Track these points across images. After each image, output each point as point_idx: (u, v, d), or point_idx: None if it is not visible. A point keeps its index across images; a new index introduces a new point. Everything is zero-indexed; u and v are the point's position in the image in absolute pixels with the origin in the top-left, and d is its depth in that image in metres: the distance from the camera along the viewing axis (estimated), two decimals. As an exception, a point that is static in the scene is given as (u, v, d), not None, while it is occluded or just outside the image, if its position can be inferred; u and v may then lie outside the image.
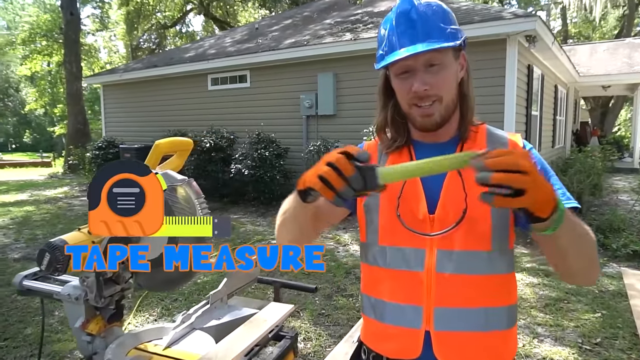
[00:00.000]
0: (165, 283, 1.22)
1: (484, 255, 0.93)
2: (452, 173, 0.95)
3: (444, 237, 0.93)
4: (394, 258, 0.98)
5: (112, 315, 1.30)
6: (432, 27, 0.91)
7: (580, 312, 3.48)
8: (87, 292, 1.24)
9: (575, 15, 26.90)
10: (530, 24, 6.05)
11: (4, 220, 7.41)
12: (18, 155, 30.40)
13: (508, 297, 0.98)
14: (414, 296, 0.95)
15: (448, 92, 0.95)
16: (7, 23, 39.41)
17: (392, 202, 0.99)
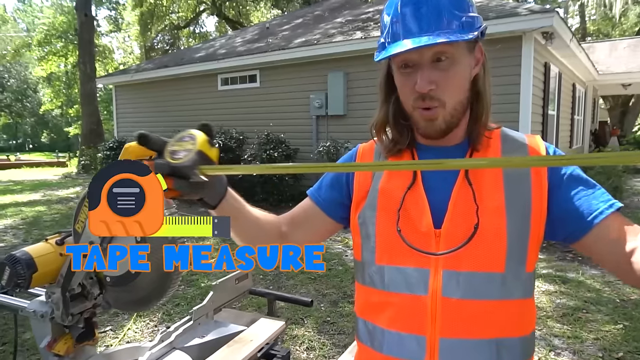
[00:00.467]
0: (132, 304, 1.11)
1: (497, 278, 0.80)
2: (461, 181, 0.83)
3: (452, 256, 0.80)
4: (394, 279, 0.86)
5: (82, 334, 1.19)
6: (443, 14, 0.78)
7: (600, 322, 3.29)
8: (53, 309, 1.12)
9: (594, 12, 26.33)
10: (547, 20, 5.83)
11: (15, 220, 7.45)
12: (35, 155, 30.92)
13: (524, 327, 0.84)
14: (417, 324, 0.83)
15: (456, 93, 0.82)
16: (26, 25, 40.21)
17: (391, 215, 0.87)
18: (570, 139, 10.50)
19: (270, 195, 7.64)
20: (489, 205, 0.81)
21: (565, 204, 0.81)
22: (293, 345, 3.01)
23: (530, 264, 0.83)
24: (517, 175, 0.82)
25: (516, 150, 0.86)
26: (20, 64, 34.16)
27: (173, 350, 1.27)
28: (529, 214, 0.81)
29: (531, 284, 0.85)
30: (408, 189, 0.86)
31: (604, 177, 5.72)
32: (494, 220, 0.80)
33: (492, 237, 0.80)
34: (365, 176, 0.93)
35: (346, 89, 7.75)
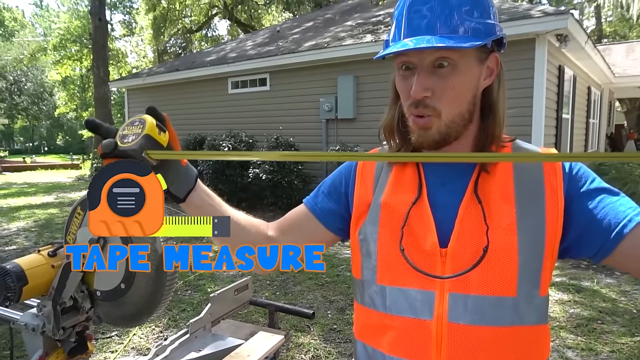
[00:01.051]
0: (122, 319, 1.07)
1: (508, 303, 0.73)
2: (469, 198, 0.77)
3: (459, 279, 0.75)
4: (396, 301, 0.80)
5: (74, 348, 1.16)
6: (451, 15, 0.72)
7: (616, 334, 3.18)
8: (44, 322, 1.10)
9: (611, 13, 25.94)
10: (561, 22, 5.72)
11: (27, 222, 7.54)
12: (50, 158, 31.42)
13: (537, 355, 0.78)
14: (421, 351, 0.77)
15: (454, 104, 0.76)
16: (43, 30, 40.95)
17: (394, 233, 0.81)
18: (585, 142, 10.31)
19: (279, 199, 7.61)
20: (499, 223, 0.75)
21: (587, 218, 0.75)
22: (298, 353, 2.96)
23: (544, 286, 0.76)
24: (530, 190, 0.77)
25: (530, 167, 0.79)
26: (37, 68, 34.78)
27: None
28: (543, 233, 0.75)
29: (545, 309, 0.79)
30: (413, 204, 0.80)
31: (620, 183, 5.57)
32: (504, 239, 0.74)
33: (503, 258, 0.74)
34: (367, 189, 0.88)
35: (356, 92, 7.70)
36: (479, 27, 0.73)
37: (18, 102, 36.27)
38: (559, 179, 0.77)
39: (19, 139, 47.58)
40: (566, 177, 0.78)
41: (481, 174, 0.79)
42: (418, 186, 0.81)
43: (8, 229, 7.07)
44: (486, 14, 0.75)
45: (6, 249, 5.83)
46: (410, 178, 0.83)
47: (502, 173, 0.79)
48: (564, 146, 7.58)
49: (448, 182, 0.81)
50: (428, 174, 0.83)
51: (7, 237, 6.45)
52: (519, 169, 0.79)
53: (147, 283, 0.99)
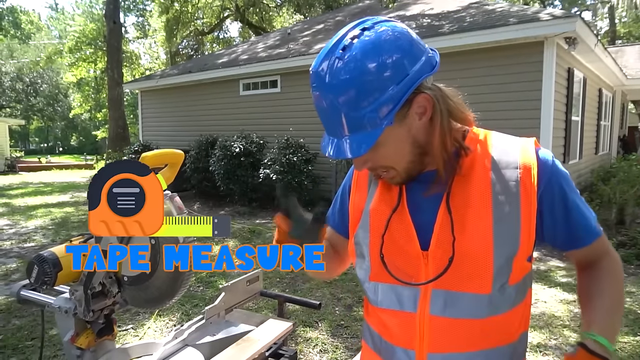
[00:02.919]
0: (146, 302, 1.19)
1: (484, 299, 0.81)
2: (444, 207, 0.83)
3: (440, 278, 0.82)
4: (386, 296, 0.89)
5: (102, 329, 1.28)
6: (347, 115, 0.75)
7: (619, 334, 3.23)
8: (76, 305, 1.22)
9: (625, 14, 25.63)
10: (569, 25, 5.75)
11: (44, 221, 7.75)
12: (65, 158, 31.95)
13: (512, 334, 0.87)
14: (406, 339, 0.86)
15: (397, 162, 0.82)
16: (58, 32, 41.67)
17: (379, 239, 0.88)
18: (596, 145, 10.26)
19: (289, 199, 7.72)
20: (475, 229, 0.80)
21: (553, 228, 0.84)
22: (306, 347, 3.06)
23: (514, 276, 0.82)
24: (506, 192, 0.81)
25: (507, 169, 0.82)
26: (52, 70, 35.42)
27: (185, 347, 1.35)
28: (518, 236, 0.80)
29: (515, 294, 0.84)
30: (393, 211, 0.87)
31: (627, 185, 5.59)
32: (480, 245, 0.79)
33: (479, 260, 0.80)
34: (361, 196, 0.95)
35: (365, 94, 7.78)
36: (381, 108, 0.73)
37: (34, 103, 36.97)
38: (533, 185, 0.81)
39: (34, 140, 48.45)
40: (542, 181, 0.82)
41: (455, 179, 0.83)
42: (398, 194, 0.87)
43: (26, 226, 7.28)
44: (394, 76, 0.73)
45: (25, 245, 6.02)
46: (393, 194, 0.89)
47: (479, 175, 0.82)
48: (573, 149, 7.59)
49: (429, 187, 0.85)
50: (410, 193, 0.87)
51: (26, 235, 6.65)
52: (497, 174, 0.82)
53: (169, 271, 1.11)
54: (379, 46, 0.74)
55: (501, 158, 0.83)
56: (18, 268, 4.95)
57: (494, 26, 6.35)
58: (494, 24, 6.45)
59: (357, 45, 0.74)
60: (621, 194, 5.51)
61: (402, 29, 0.78)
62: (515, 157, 0.83)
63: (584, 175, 8.93)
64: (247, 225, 6.84)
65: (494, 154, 0.84)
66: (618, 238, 5.34)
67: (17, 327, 3.42)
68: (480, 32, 6.36)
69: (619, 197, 5.53)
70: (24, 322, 3.51)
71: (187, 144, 9.78)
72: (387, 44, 0.74)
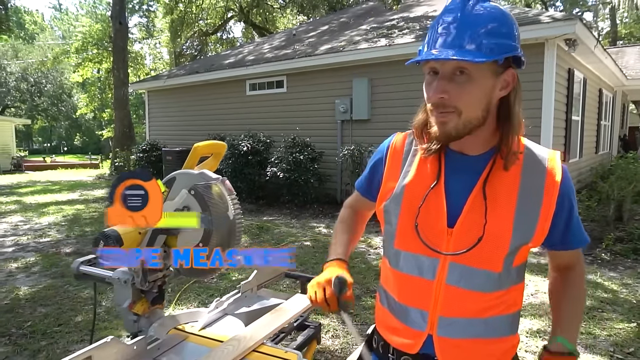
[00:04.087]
0: (199, 272, 1.37)
1: (494, 276, 0.95)
2: (477, 192, 0.95)
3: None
4: (407, 263, 1.02)
5: (155, 298, 1.46)
6: (471, 34, 0.87)
7: (614, 321, 3.41)
8: (134, 276, 1.40)
9: (627, 15, 25.74)
10: (569, 28, 5.93)
11: (57, 217, 7.94)
12: (69, 157, 32.19)
13: (513, 306, 1.02)
14: (422, 301, 1.00)
15: (470, 107, 0.90)
16: (62, 33, 41.93)
17: (412, 210, 1.00)
18: (596, 144, 10.43)
19: (295, 197, 7.91)
20: (499, 215, 0.93)
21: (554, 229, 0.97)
22: (319, 332, 3.25)
23: (517, 261, 0.98)
24: (531, 193, 0.94)
25: (536, 172, 0.96)
26: (57, 70, 35.66)
27: (225, 316, 1.54)
28: (534, 229, 0.94)
29: (518, 274, 1.00)
30: (431, 188, 0.99)
31: (625, 182, 5.76)
32: (500, 230, 0.93)
33: (498, 243, 0.93)
34: (394, 171, 1.07)
35: (370, 94, 7.98)
36: (494, 47, 0.87)
37: (38, 103, 37.22)
38: (555, 192, 0.95)
39: (37, 139, 48.72)
40: (562, 191, 0.96)
41: (494, 171, 0.95)
42: (437, 174, 0.99)
43: (40, 223, 7.47)
44: (506, 34, 0.89)
45: (41, 240, 6.22)
46: (432, 166, 1.01)
47: (513, 173, 0.95)
48: (573, 148, 7.76)
49: (464, 173, 0.98)
50: (448, 164, 1.00)
51: (41, 230, 6.85)
52: (526, 174, 0.96)
53: (221, 242, 1.29)
54: (508, 15, 0.92)
55: (532, 162, 0.97)
56: (37, 261, 5.15)
57: (496, 28, 6.51)
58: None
59: (491, 5, 0.91)
60: (619, 190, 5.69)
61: None
62: (544, 165, 0.97)
63: (584, 173, 9.10)
64: (255, 222, 7.03)
65: (526, 158, 0.98)
66: (616, 233, 5.51)
67: (43, 314, 3.61)
68: (482, 34, 6.52)
69: (617, 194, 5.70)
70: (49, 309, 3.70)
71: (194, 143, 9.98)
72: (512, 19, 0.93)
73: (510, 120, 0.95)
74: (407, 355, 1.04)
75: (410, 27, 8.42)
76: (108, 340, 1.10)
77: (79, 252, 5.53)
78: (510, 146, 0.94)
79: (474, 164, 0.97)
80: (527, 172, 0.95)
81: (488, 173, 0.95)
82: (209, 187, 1.28)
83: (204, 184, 1.28)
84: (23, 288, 4.23)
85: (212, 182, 1.28)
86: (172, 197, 1.33)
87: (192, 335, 1.38)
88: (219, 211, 1.27)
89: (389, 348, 1.08)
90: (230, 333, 1.38)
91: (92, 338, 1.80)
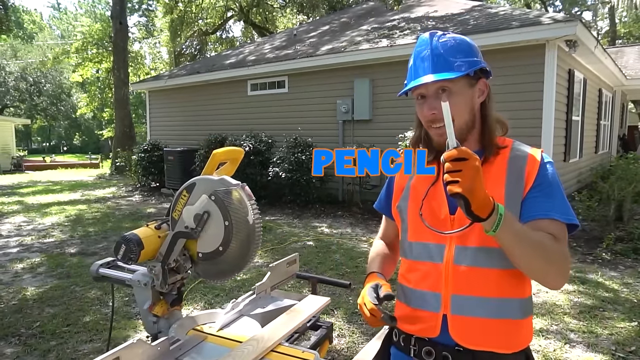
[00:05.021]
0: (218, 274, 1.41)
1: (498, 251, 1.03)
2: None
3: (461, 234, 1.07)
4: (420, 252, 1.16)
5: (174, 300, 1.50)
6: (443, 60, 1.07)
7: (616, 320, 3.46)
8: (154, 279, 1.44)
9: (626, 14, 25.83)
10: (570, 29, 5.98)
11: (60, 218, 7.98)
12: (68, 157, 32.19)
13: (522, 291, 1.10)
14: (435, 284, 1.11)
15: (457, 116, 1.07)
16: (61, 32, 41.89)
17: (417, 203, 1.17)
18: (596, 144, 10.48)
19: (297, 196, 7.96)
20: (491, 195, 0.99)
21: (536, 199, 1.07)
22: (325, 332, 3.29)
23: None
24: (516, 176, 1.09)
25: (519, 158, 1.11)
26: (56, 70, 35.62)
27: (242, 317, 1.58)
28: (521, 197, 1.07)
29: None
30: (432, 184, 1.16)
31: (625, 182, 5.81)
32: None
33: None
34: (403, 178, 1.26)
35: (372, 94, 8.02)
36: (463, 64, 1.07)
37: (37, 102, 37.18)
38: (534, 170, 1.08)
39: (36, 139, 48.68)
40: (540, 172, 1.08)
41: (484, 164, 1.09)
42: (437, 172, 1.11)
43: (43, 223, 7.51)
44: (469, 54, 1.09)
45: (45, 241, 6.25)
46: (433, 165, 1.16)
47: (499, 163, 1.11)
48: (573, 148, 7.81)
49: None
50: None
51: (44, 231, 6.88)
52: (511, 163, 1.10)
53: (240, 246, 1.33)
54: (465, 39, 1.13)
55: (516, 154, 1.13)
56: (42, 262, 5.19)
57: (497, 29, 6.57)
58: (497, 27, 6.67)
59: (451, 35, 1.12)
60: (619, 191, 5.73)
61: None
62: (526, 154, 1.12)
63: (584, 173, 9.16)
64: (257, 221, 7.07)
65: (512, 152, 1.14)
66: (616, 233, 5.56)
67: (51, 314, 3.65)
68: (483, 34, 6.58)
69: (617, 194, 5.75)
70: (57, 310, 3.74)
71: (196, 143, 10.01)
72: (470, 41, 1.14)
73: (485, 120, 1.14)
74: (429, 346, 1.12)
75: (411, 28, 8.45)
76: (134, 341, 1.14)
77: (83, 252, 5.58)
78: (490, 140, 1.12)
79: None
80: (512, 162, 1.10)
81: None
82: (229, 193, 1.31)
83: (224, 190, 1.32)
84: (30, 288, 4.27)
85: (233, 187, 1.32)
86: (193, 202, 1.37)
87: (211, 335, 1.42)
88: (239, 216, 1.31)
89: (411, 339, 1.17)
90: (248, 333, 1.42)
91: (109, 339, 1.85)
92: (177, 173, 10.03)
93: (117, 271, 1.58)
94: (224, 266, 1.37)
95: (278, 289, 1.92)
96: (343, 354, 3.03)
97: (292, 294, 1.89)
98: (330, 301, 3.69)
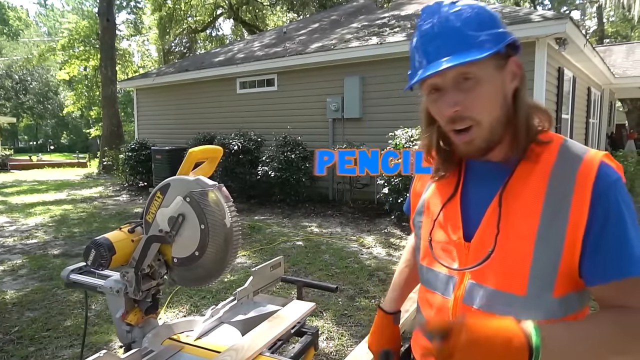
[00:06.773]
0: (194, 280, 1.33)
1: (518, 300, 0.80)
2: (496, 202, 0.84)
3: (477, 270, 0.84)
4: (430, 279, 0.97)
5: (149, 307, 1.42)
6: (458, 38, 0.76)
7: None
8: (127, 285, 1.35)
9: (613, 13, 26.10)
10: (560, 27, 5.96)
11: (44, 218, 7.80)
12: (56, 156, 31.71)
13: None
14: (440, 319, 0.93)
15: (488, 112, 0.80)
16: (47, 29, 41.29)
17: (430, 224, 0.96)
18: (585, 142, 10.54)
19: (287, 195, 7.87)
20: (519, 227, 0.80)
21: (593, 247, 0.76)
22: (314, 335, 3.22)
23: (559, 289, 0.79)
24: (559, 200, 0.77)
25: (567, 168, 0.79)
26: (42, 67, 35.09)
27: (222, 324, 1.50)
28: (562, 242, 0.77)
29: (558, 308, 0.80)
30: (447, 201, 0.92)
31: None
32: (520, 243, 0.79)
33: (517, 259, 0.80)
34: (422, 185, 1.05)
35: (362, 92, 7.96)
36: (485, 39, 0.76)
37: (24, 101, 36.61)
38: (586, 198, 0.76)
39: (22, 138, 47.95)
40: (593, 202, 0.76)
41: (517, 175, 0.83)
42: (455, 185, 0.92)
43: (26, 224, 7.34)
44: (492, 24, 0.78)
45: (28, 242, 6.10)
46: (452, 178, 0.94)
47: (537, 178, 0.81)
48: (563, 145, 7.82)
49: (486, 182, 0.88)
50: (469, 173, 0.92)
51: (27, 232, 6.72)
52: (554, 177, 0.79)
53: (217, 251, 1.25)
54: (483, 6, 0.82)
55: (563, 164, 0.80)
56: (24, 264, 5.05)
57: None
58: (487, 24, 6.64)
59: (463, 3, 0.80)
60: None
61: None
62: (577, 165, 0.79)
63: (574, 171, 9.18)
64: (246, 221, 6.97)
65: (558, 159, 0.81)
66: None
67: (31, 319, 3.53)
68: (474, 32, 6.53)
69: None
70: (37, 314, 3.62)
71: (184, 142, 9.87)
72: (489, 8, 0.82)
73: (517, 112, 0.82)
74: None
75: (401, 26, 8.40)
76: (101, 354, 1.06)
77: (67, 254, 5.44)
78: (520, 138, 0.82)
79: (498, 170, 0.86)
80: (556, 177, 0.79)
81: (509, 178, 0.84)
82: (205, 194, 1.23)
83: (199, 191, 1.23)
84: (10, 292, 4.14)
85: (209, 188, 1.23)
86: (167, 204, 1.29)
87: (188, 345, 1.34)
88: (215, 219, 1.23)
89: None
90: (227, 342, 1.34)
91: (82, 350, 1.76)
92: (165, 172, 9.87)
93: (89, 277, 1.49)
94: (201, 272, 1.29)
95: (262, 294, 1.84)
96: (332, 357, 2.96)
97: (276, 299, 1.82)
98: (318, 305, 3.63)
